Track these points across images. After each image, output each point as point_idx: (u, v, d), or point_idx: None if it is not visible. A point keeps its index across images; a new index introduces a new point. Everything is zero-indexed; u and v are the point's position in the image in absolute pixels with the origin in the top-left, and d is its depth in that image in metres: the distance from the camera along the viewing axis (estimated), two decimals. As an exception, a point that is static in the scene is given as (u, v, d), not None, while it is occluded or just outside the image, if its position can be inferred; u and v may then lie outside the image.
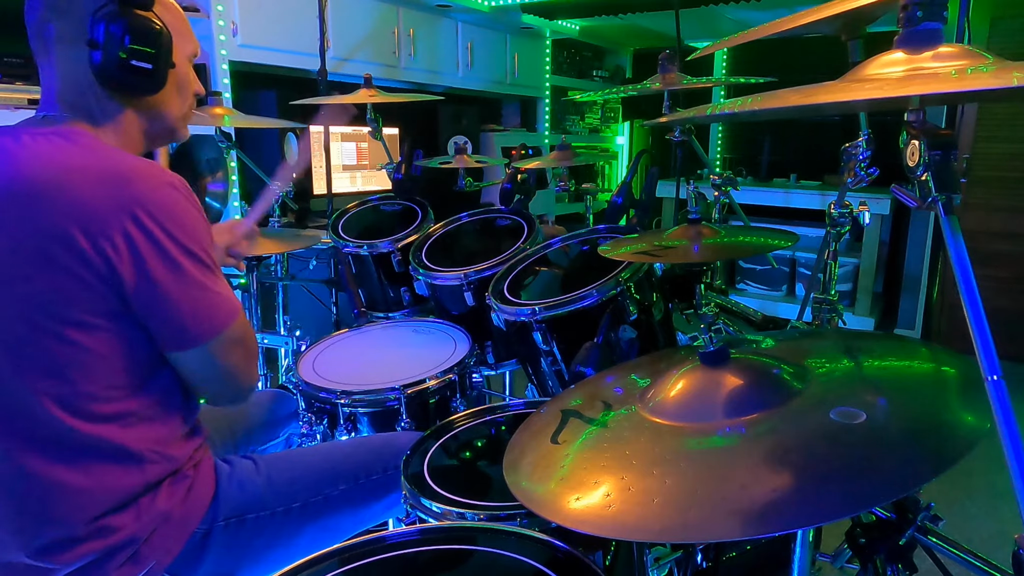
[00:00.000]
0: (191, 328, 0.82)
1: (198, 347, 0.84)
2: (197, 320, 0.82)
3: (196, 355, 0.84)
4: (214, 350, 0.85)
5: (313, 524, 1.00)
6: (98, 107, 0.86)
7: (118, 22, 0.82)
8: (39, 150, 0.81)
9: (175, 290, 0.80)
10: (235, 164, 2.28)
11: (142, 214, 0.78)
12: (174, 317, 0.81)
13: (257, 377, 0.98)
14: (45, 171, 0.79)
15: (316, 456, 1.07)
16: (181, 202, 0.82)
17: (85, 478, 0.82)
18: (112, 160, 0.81)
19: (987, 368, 0.53)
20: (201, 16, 2.17)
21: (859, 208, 1.19)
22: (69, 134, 0.83)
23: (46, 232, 0.76)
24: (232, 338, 0.86)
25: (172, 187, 0.82)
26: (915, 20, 0.56)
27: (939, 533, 0.73)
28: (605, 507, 0.60)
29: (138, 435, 0.85)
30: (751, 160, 4.37)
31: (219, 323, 0.84)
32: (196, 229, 0.83)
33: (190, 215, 0.82)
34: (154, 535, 0.86)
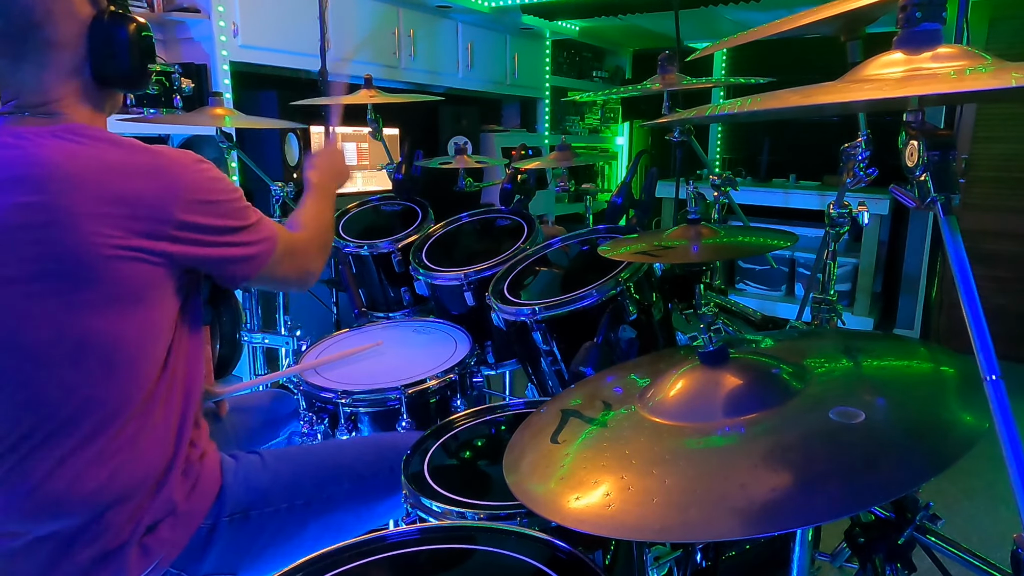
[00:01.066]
0: (242, 272, 0.95)
1: (254, 278, 0.97)
2: (247, 265, 0.94)
3: (255, 282, 1.00)
4: (267, 273, 0.97)
5: (317, 522, 1.00)
6: (87, 100, 0.89)
7: (121, 27, 0.86)
8: (54, 147, 0.81)
9: (226, 251, 0.90)
10: (236, 164, 2.28)
11: (189, 198, 0.85)
12: (229, 269, 0.93)
13: (320, 266, 1.11)
14: (79, 172, 0.80)
15: (322, 454, 1.08)
16: (213, 173, 0.90)
17: (95, 464, 0.82)
18: (141, 153, 0.86)
19: (986, 368, 0.53)
20: (202, 17, 2.17)
21: (858, 208, 1.19)
22: (74, 129, 0.84)
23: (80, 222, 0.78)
24: (277, 260, 0.98)
25: (201, 162, 0.90)
26: (914, 21, 0.56)
27: (938, 532, 0.73)
28: (605, 506, 0.60)
29: (146, 425, 0.86)
30: (750, 160, 4.37)
31: (262, 259, 0.96)
32: (230, 191, 0.92)
33: (222, 182, 0.91)
34: (161, 527, 0.87)
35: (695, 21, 3.64)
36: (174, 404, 0.89)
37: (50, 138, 0.82)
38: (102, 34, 0.86)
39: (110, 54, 0.87)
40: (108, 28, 0.86)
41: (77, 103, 0.88)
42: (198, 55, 2.23)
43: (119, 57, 0.87)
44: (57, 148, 0.82)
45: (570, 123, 4.47)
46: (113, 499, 0.84)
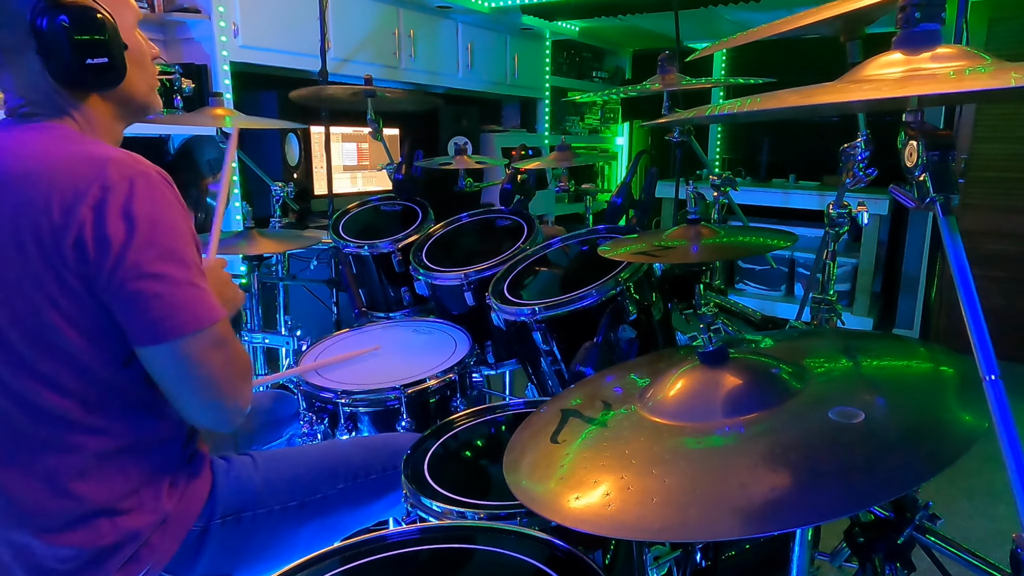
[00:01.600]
0: (161, 320, 0.77)
1: (167, 343, 0.77)
2: (168, 312, 0.77)
3: (165, 353, 0.78)
4: (187, 350, 0.78)
5: (311, 523, 1.00)
6: (65, 104, 0.84)
7: (59, 22, 0.78)
8: (19, 142, 0.81)
9: (143, 280, 0.76)
10: (236, 165, 2.28)
11: (111, 199, 0.75)
12: (141, 308, 0.76)
13: (246, 399, 0.86)
14: (24, 159, 0.78)
15: (315, 454, 1.07)
16: (155, 192, 0.78)
17: (87, 470, 0.82)
18: (90, 148, 0.80)
19: (985, 368, 0.53)
20: (202, 17, 2.17)
21: (857, 208, 1.19)
22: (49, 128, 0.82)
23: (26, 216, 0.76)
24: (210, 340, 0.80)
25: (145, 176, 0.78)
26: (913, 21, 0.56)
27: (937, 532, 0.73)
28: (605, 506, 0.60)
29: (138, 429, 0.85)
30: (750, 161, 4.37)
31: (193, 320, 0.78)
32: (169, 221, 0.79)
33: (163, 207, 0.78)
34: (152, 533, 0.86)
35: (695, 21, 3.64)
36: (165, 406, 0.88)
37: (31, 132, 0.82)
38: (43, 35, 0.78)
39: (56, 58, 0.79)
40: (49, 27, 0.78)
41: (51, 107, 0.84)
42: (198, 55, 2.23)
43: (65, 59, 0.79)
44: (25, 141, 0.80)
45: (570, 123, 4.47)
46: (102, 508, 0.83)
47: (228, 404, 0.84)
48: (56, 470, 0.81)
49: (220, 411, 0.84)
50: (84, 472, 0.82)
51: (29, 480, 0.81)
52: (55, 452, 0.81)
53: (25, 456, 0.81)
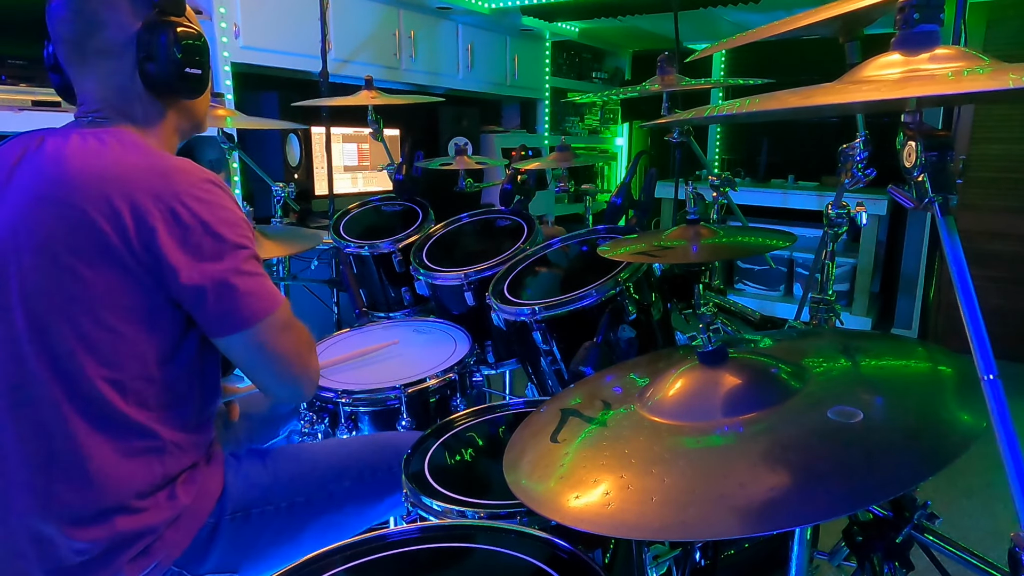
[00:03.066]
0: (236, 311, 0.84)
1: (245, 331, 0.85)
2: (241, 303, 0.84)
3: (244, 339, 0.85)
4: (262, 334, 0.86)
5: (317, 520, 1.00)
6: (142, 111, 0.91)
7: (167, 33, 0.87)
8: (88, 147, 0.84)
9: (217, 275, 0.82)
10: (237, 165, 2.28)
11: (181, 206, 0.81)
12: (218, 301, 0.83)
13: (316, 370, 0.95)
14: (93, 166, 0.82)
15: (323, 452, 1.08)
16: (220, 195, 0.86)
17: (116, 458, 0.83)
18: (156, 158, 0.85)
19: (983, 367, 0.53)
20: (203, 18, 2.17)
21: (856, 209, 1.20)
22: (116, 134, 0.87)
23: (93, 220, 0.79)
24: (279, 323, 0.87)
25: (211, 182, 0.86)
26: (912, 22, 0.57)
27: (936, 531, 0.74)
28: (604, 505, 0.60)
29: (165, 426, 0.87)
30: (749, 161, 4.38)
31: (263, 307, 0.85)
32: (236, 219, 0.86)
33: (228, 208, 0.86)
34: (167, 528, 0.87)
35: (694, 22, 3.64)
36: (190, 404, 0.90)
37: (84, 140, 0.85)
38: (146, 42, 0.87)
39: (150, 60, 0.87)
40: (150, 35, 0.87)
41: (129, 113, 0.90)
42: (199, 56, 2.23)
43: (160, 62, 0.87)
44: (80, 150, 0.84)
45: (570, 124, 4.47)
46: (124, 502, 0.84)
47: (303, 378, 0.92)
48: (87, 463, 0.82)
49: (296, 385, 0.92)
50: (114, 467, 0.83)
51: (60, 472, 0.82)
52: (88, 445, 0.82)
53: (61, 448, 0.82)
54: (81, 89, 0.91)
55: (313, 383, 0.95)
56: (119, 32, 0.87)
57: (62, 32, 0.88)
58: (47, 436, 0.82)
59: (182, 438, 0.89)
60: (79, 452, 0.82)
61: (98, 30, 0.87)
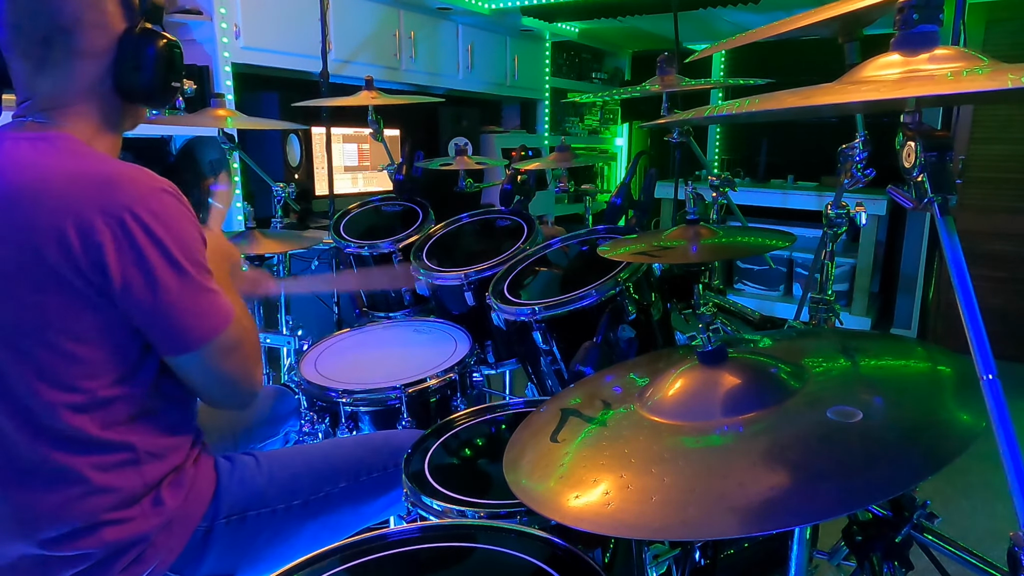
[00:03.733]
0: (182, 334, 0.82)
1: (191, 353, 0.83)
2: (188, 326, 0.81)
3: (191, 360, 0.84)
4: (209, 356, 0.84)
5: (314, 521, 1.00)
6: (101, 115, 0.87)
7: (154, 43, 0.85)
8: (25, 157, 0.80)
9: (163, 295, 0.79)
10: (238, 165, 2.28)
11: (130, 218, 0.77)
12: (164, 322, 0.81)
13: (260, 382, 0.94)
14: (32, 176, 0.78)
15: (317, 453, 1.08)
16: (171, 207, 0.81)
17: (92, 473, 0.82)
18: (101, 165, 0.81)
19: (982, 367, 0.54)
20: (204, 19, 2.18)
21: (856, 209, 1.20)
22: (59, 140, 0.82)
23: (35, 241, 0.76)
24: (227, 344, 0.85)
25: (163, 192, 0.81)
26: (911, 23, 0.57)
27: (935, 531, 0.74)
28: (604, 505, 0.60)
29: (138, 435, 0.85)
30: (749, 161, 4.38)
31: (211, 329, 0.83)
32: (186, 234, 0.82)
33: (180, 220, 0.81)
34: (158, 534, 0.86)
35: (694, 23, 3.65)
36: (168, 410, 0.89)
37: (19, 147, 0.81)
38: (132, 48, 0.84)
39: (136, 68, 0.85)
40: (138, 42, 0.84)
41: (85, 115, 0.85)
42: (200, 57, 2.23)
43: (145, 72, 0.85)
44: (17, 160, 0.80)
45: (570, 124, 4.47)
46: (109, 516, 0.83)
47: (246, 392, 0.92)
48: (62, 484, 0.81)
49: (240, 397, 0.92)
50: (90, 484, 0.82)
51: (36, 496, 0.81)
52: (60, 467, 0.81)
53: (33, 472, 0.81)
54: (30, 84, 0.84)
55: (256, 395, 0.94)
56: (100, 34, 0.83)
57: (22, 22, 0.81)
58: (19, 464, 0.81)
59: (157, 445, 0.87)
60: (52, 475, 0.81)
61: (76, 29, 0.82)
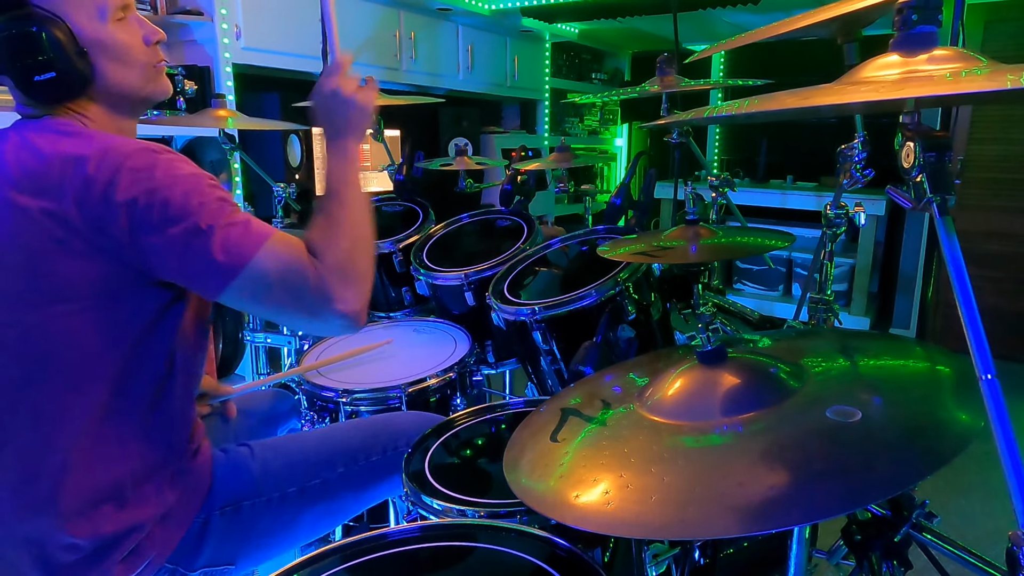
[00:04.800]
0: (210, 269, 0.77)
1: (224, 291, 0.79)
2: (213, 259, 0.77)
3: (230, 298, 0.80)
4: (244, 289, 0.79)
5: (312, 508, 1.00)
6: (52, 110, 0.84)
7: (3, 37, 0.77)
8: (24, 145, 0.81)
9: (178, 238, 0.76)
10: (238, 166, 2.28)
11: (121, 177, 0.75)
12: (191, 263, 0.78)
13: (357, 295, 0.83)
14: (36, 161, 0.79)
15: (313, 440, 1.06)
16: (161, 160, 0.79)
17: (88, 465, 0.82)
18: (89, 140, 0.80)
19: (981, 367, 0.54)
20: (205, 19, 2.18)
21: (855, 209, 1.20)
22: (55, 125, 0.82)
23: (43, 217, 0.76)
24: (265, 266, 0.79)
25: (149, 150, 0.79)
26: (910, 23, 0.57)
27: (934, 530, 0.74)
28: (604, 504, 0.60)
29: (138, 426, 0.86)
30: (748, 162, 4.38)
31: (237, 260, 0.78)
32: (182, 178, 0.78)
33: (171, 169, 0.79)
34: (155, 525, 0.87)
35: (693, 23, 3.65)
36: (172, 406, 0.89)
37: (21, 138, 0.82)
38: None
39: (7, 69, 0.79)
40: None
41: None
42: (201, 57, 2.24)
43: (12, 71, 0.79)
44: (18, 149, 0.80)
45: (569, 125, 4.48)
46: (103, 500, 0.83)
47: (324, 312, 0.82)
48: (64, 470, 0.81)
49: (319, 319, 0.83)
50: (92, 470, 0.82)
51: (41, 473, 0.81)
52: (64, 453, 0.81)
53: (33, 459, 0.81)
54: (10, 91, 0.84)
55: (351, 310, 0.82)
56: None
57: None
58: (18, 450, 0.81)
59: (156, 437, 0.87)
60: (45, 461, 0.81)
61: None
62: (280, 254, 0.81)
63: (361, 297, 0.85)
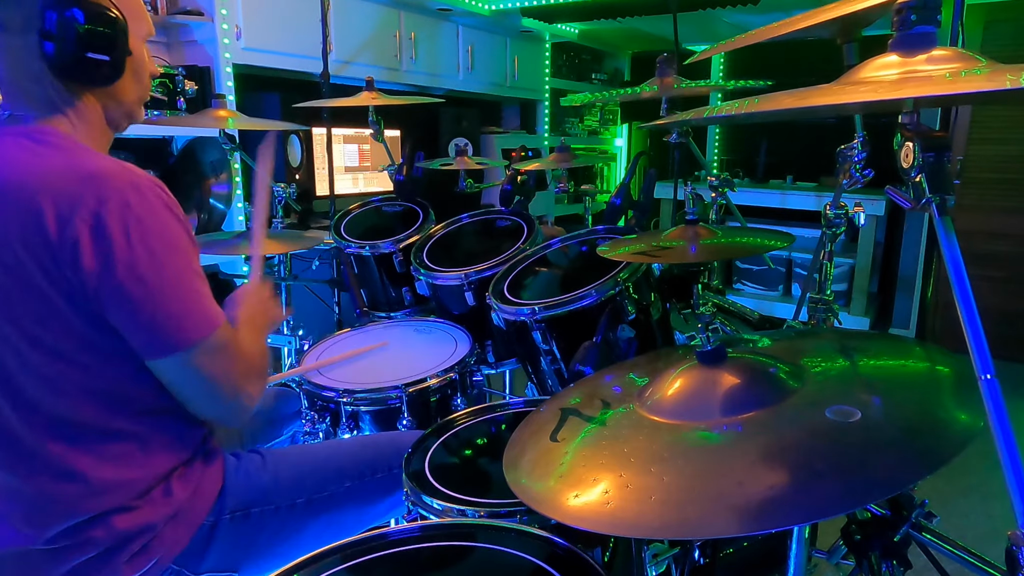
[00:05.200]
0: (162, 335, 0.79)
1: (171, 356, 0.80)
2: (168, 328, 0.78)
3: (170, 365, 0.81)
4: (192, 358, 0.81)
5: (317, 520, 1.01)
6: (56, 95, 0.83)
7: (73, 10, 0.79)
8: (11, 149, 0.80)
9: (141, 296, 0.77)
10: (239, 166, 2.28)
11: (105, 213, 0.75)
12: (144, 324, 0.78)
13: (252, 395, 0.89)
14: (17, 171, 0.78)
15: (323, 453, 1.08)
16: (150, 203, 0.79)
17: (101, 466, 0.83)
18: (81, 159, 0.80)
19: (980, 367, 0.54)
20: (205, 20, 2.18)
21: (854, 209, 1.20)
22: (37, 134, 0.82)
23: (21, 237, 0.76)
24: (211, 348, 0.82)
25: (137, 189, 0.78)
26: (909, 24, 0.57)
27: (933, 530, 0.74)
28: (604, 504, 0.60)
29: (151, 427, 0.86)
30: (748, 162, 4.38)
31: (192, 331, 0.80)
32: (165, 231, 0.79)
33: (158, 217, 0.79)
34: (165, 526, 0.87)
35: (693, 24, 3.65)
36: (169, 413, 0.89)
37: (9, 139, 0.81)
38: (50, 19, 0.78)
39: (57, 42, 0.78)
40: (57, 12, 0.78)
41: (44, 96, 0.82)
42: (201, 57, 2.24)
43: (65, 46, 0.78)
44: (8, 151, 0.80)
45: (569, 125, 4.48)
46: (120, 503, 0.84)
47: (231, 403, 0.88)
48: (70, 473, 0.82)
49: (224, 409, 0.89)
50: (100, 472, 0.83)
51: (44, 484, 0.82)
52: (65, 458, 0.82)
53: (42, 463, 0.82)
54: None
55: (246, 410, 0.89)
56: (27, 5, 0.78)
57: None
58: (25, 454, 0.81)
59: (168, 438, 0.88)
60: (58, 464, 0.81)
61: (4, 4, 0.78)
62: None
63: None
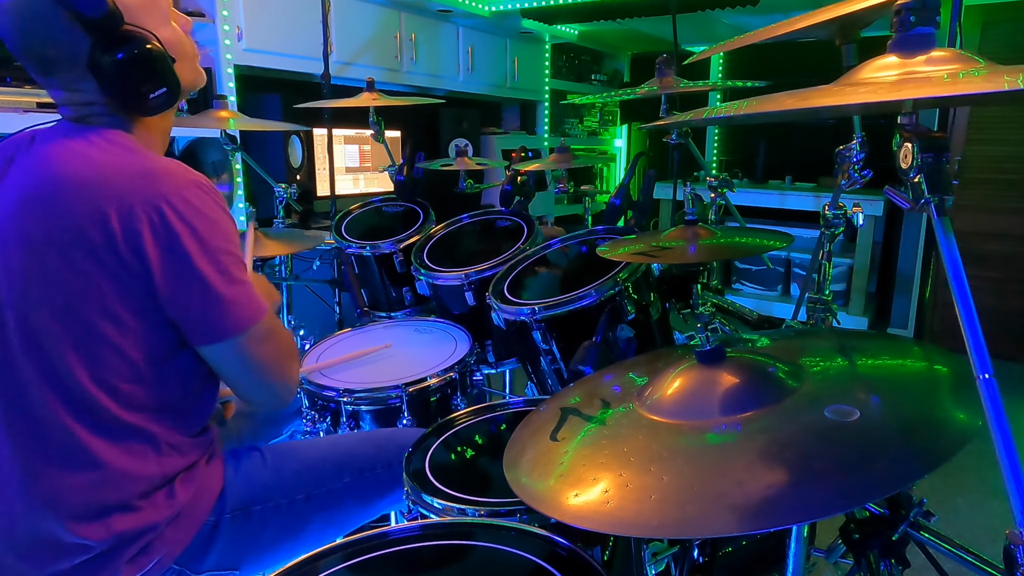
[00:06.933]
0: (216, 322, 0.83)
1: (224, 342, 0.84)
2: (221, 314, 0.83)
3: (224, 350, 0.85)
4: (242, 346, 0.85)
5: (318, 516, 1.01)
6: (121, 125, 0.87)
7: (118, 62, 0.81)
8: (75, 149, 0.83)
9: (197, 283, 0.81)
10: (240, 167, 2.29)
11: (168, 208, 0.79)
12: (199, 310, 0.82)
13: (295, 378, 0.95)
14: (82, 168, 0.81)
15: (322, 449, 1.08)
16: (206, 199, 0.83)
17: (119, 456, 0.83)
18: (144, 159, 0.83)
19: (979, 366, 0.54)
20: (207, 21, 2.18)
21: (853, 209, 1.20)
22: (104, 135, 0.85)
23: (80, 223, 0.78)
24: (261, 333, 0.87)
25: (198, 186, 0.83)
26: (908, 25, 0.57)
27: (932, 529, 0.74)
28: (603, 503, 0.60)
29: (161, 427, 0.87)
30: (747, 162, 4.39)
31: (246, 317, 0.85)
32: (221, 225, 0.84)
33: (215, 212, 0.84)
34: (167, 526, 0.87)
35: (693, 25, 3.65)
36: (188, 406, 0.90)
37: (71, 141, 0.84)
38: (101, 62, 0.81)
39: (114, 85, 0.83)
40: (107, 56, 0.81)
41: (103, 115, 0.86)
42: (203, 59, 2.24)
43: (123, 89, 0.83)
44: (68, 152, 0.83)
45: (569, 126, 4.48)
46: (124, 500, 0.84)
47: (280, 386, 0.93)
48: (84, 461, 0.82)
49: (274, 392, 0.92)
50: (112, 465, 0.83)
51: (58, 471, 0.82)
52: (85, 444, 0.82)
53: (61, 450, 0.82)
54: (55, 96, 0.87)
55: (291, 390, 0.95)
56: (67, 48, 0.81)
57: (11, 46, 0.83)
58: (42, 435, 0.82)
59: (180, 440, 0.89)
60: (76, 450, 0.82)
61: (46, 46, 0.81)
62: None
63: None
